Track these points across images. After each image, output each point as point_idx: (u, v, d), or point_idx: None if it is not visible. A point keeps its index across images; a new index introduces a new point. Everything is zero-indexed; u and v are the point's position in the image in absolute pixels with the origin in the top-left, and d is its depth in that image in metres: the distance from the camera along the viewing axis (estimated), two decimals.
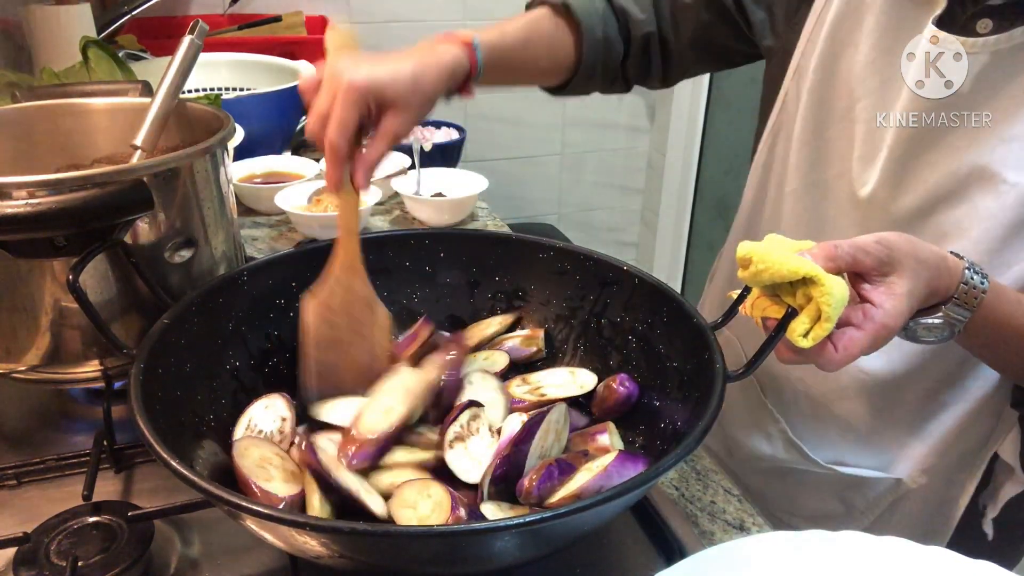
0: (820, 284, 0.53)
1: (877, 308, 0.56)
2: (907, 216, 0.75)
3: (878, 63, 0.75)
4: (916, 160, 0.73)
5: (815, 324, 0.54)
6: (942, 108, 0.71)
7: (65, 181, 0.59)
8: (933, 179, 0.73)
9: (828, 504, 0.90)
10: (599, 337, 0.74)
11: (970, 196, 0.71)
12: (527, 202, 2.74)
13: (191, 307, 0.63)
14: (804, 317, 0.55)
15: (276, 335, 0.71)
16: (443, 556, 0.49)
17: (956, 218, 0.72)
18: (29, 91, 0.84)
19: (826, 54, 0.80)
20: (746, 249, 0.56)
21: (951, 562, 0.49)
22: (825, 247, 0.56)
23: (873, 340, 0.56)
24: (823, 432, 0.88)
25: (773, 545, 0.50)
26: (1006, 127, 0.68)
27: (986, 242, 0.70)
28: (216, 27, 2.05)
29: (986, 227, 0.70)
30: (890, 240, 0.57)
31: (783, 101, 0.86)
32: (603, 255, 0.75)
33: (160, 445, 0.48)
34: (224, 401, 0.64)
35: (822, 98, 0.81)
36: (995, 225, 0.70)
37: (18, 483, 0.67)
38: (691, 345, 0.63)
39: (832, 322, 0.54)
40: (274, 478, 0.56)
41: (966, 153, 0.70)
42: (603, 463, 0.56)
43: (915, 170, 0.73)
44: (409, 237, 0.79)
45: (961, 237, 0.72)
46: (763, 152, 0.91)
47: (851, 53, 0.78)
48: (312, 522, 0.45)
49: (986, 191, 0.70)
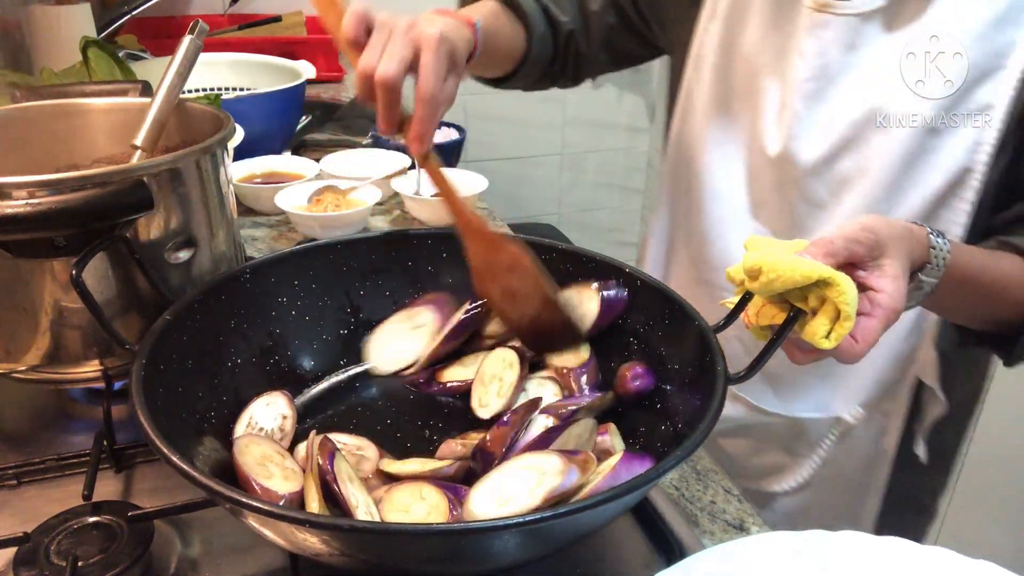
0: (836, 285, 0.53)
1: (880, 293, 0.58)
2: (814, 167, 0.83)
3: (770, 38, 0.85)
4: (815, 115, 0.82)
5: (834, 324, 0.54)
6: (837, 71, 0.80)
7: (65, 181, 0.59)
8: (834, 130, 0.81)
9: (775, 456, 0.95)
10: (600, 338, 0.74)
11: (868, 139, 0.79)
12: (527, 202, 2.74)
13: (193, 304, 0.63)
14: (823, 319, 0.54)
15: (277, 332, 0.71)
16: (444, 555, 0.49)
17: (858, 162, 0.80)
18: (29, 91, 0.84)
19: (723, 37, 0.89)
20: (753, 260, 0.55)
21: (951, 562, 0.49)
22: (822, 244, 0.57)
23: (886, 325, 0.58)
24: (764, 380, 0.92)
25: (773, 545, 0.50)
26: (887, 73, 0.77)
27: (886, 178, 0.79)
28: (216, 27, 2.05)
29: (885, 165, 0.78)
30: (872, 225, 0.60)
31: (687, 88, 0.95)
32: (605, 256, 0.74)
33: (162, 442, 0.48)
34: (225, 398, 0.64)
35: (723, 77, 0.90)
36: (893, 162, 0.78)
37: (18, 483, 0.67)
38: (692, 347, 0.63)
39: (852, 320, 0.54)
40: (274, 475, 0.56)
41: (859, 101, 0.79)
42: (610, 463, 0.56)
43: (817, 124, 0.82)
44: (411, 237, 0.79)
45: (864, 178, 0.80)
46: (675, 137, 0.98)
47: (745, 32, 0.87)
48: (313, 519, 0.45)
49: (881, 132, 0.78)
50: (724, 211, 0.92)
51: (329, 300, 0.75)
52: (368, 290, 0.77)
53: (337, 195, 1.15)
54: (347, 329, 0.76)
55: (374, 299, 0.77)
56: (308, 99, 1.56)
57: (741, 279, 0.58)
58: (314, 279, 0.74)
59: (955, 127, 0.76)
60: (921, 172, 0.78)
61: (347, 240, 0.77)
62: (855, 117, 0.79)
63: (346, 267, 0.76)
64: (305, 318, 0.74)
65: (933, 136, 0.76)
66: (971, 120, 0.75)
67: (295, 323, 0.73)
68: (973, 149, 0.76)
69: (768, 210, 0.89)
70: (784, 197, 0.86)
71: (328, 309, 0.75)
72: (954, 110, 0.75)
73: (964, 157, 0.76)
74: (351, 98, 1.73)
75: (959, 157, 0.76)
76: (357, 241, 0.77)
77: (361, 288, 0.77)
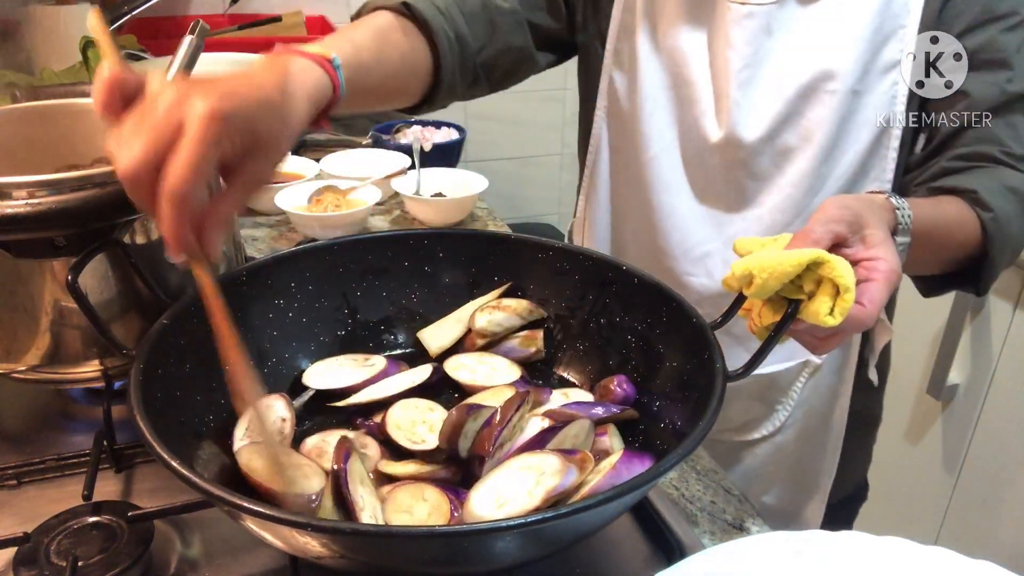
0: (827, 262, 0.54)
1: (876, 259, 0.59)
2: (757, 146, 0.88)
3: (687, 32, 0.89)
4: (752, 99, 0.87)
5: (836, 300, 0.54)
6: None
7: (65, 181, 0.59)
8: (772, 109, 0.86)
9: (752, 408, 0.99)
10: (598, 337, 0.74)
11: (803, 111, 0.86)
12: (527, 202, 2.75)
13: (190, 307, 0.63)
14: (823, 297, 0.55)
15: (275, 334, 0.71)
16: (444, 557, 0.48)
17: (799, 133, 0.87)
18: (29, 91, 0.84)
19: (642, 35, 0.92)
20: (743, 266, 0.56)
21: (951, 562, 0.49)
22: (803, 235, 0.58)
23: (889, 285, 0.58)
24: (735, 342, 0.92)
25: (773, 545, 0.50)
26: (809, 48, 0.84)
27: (825, 142, 0.86)
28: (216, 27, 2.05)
29: (824, 130, 0.85)
30: (842, 202, 0.62)
31: (608, 82, 0.97)
32: (602, 254, 0.75)
33: (161, 447, 0.48)
34: (223, 402, 0.64)
35: (647, 73, 0.93)
36: (830, 126, 0.85)
37: (18, 483, 0.67)
38: (691, 344, 0.63)
39: (852, 291, 0.54)
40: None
41: (789, 77, 0.85)
42: (610, 462, 0.56)
43: (755, 107, 0.87)
44: (408, 237, 0.78)
45: (805, 145, 0.87)
46: (601, 132, 1.00)
47: (664, 28, 0.90)
48: (313, 522, 0.45)
49: (814, 102, 0.85)
50: (673, 199, 0.95)
51: (326, 301, 0.75)
52: (365, 291, 0.77)
53: (337, 195, 1.15)
54: (344, 330, 0.76)
55: (371, 300, 0.77)
56: None
57: (739, 286, 0.58)
58: (311, 281, 0.74)
59: (873, 85, 0.85)
60: (852, 131, 0.86)
61: (343, 241, 0.76)
62: (788, 95, 0.85)
63: (343, 268, 0.76)
64: (302, 320, 0.73)
65: (857, 97, 0.84)
66: (885, 76, 0.84)
67: (292, 325, 0.73)
68: (890, 103, 0.84)
69: (715, 190, 0.93)
70: (730, 176, 0.91)
71: (325, 310, 0.75)
72: (869, 70, 0.84)
73: (884, 110, 0.84)
74: None
75: (881, 111, 0.85)
76: (354, 242, 0.77)
77: (358, 289, 0.77)
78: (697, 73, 0.89)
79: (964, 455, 1.53)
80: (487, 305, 0.76)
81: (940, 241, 0.76)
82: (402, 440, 0.62)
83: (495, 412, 0.60)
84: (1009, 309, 1.38)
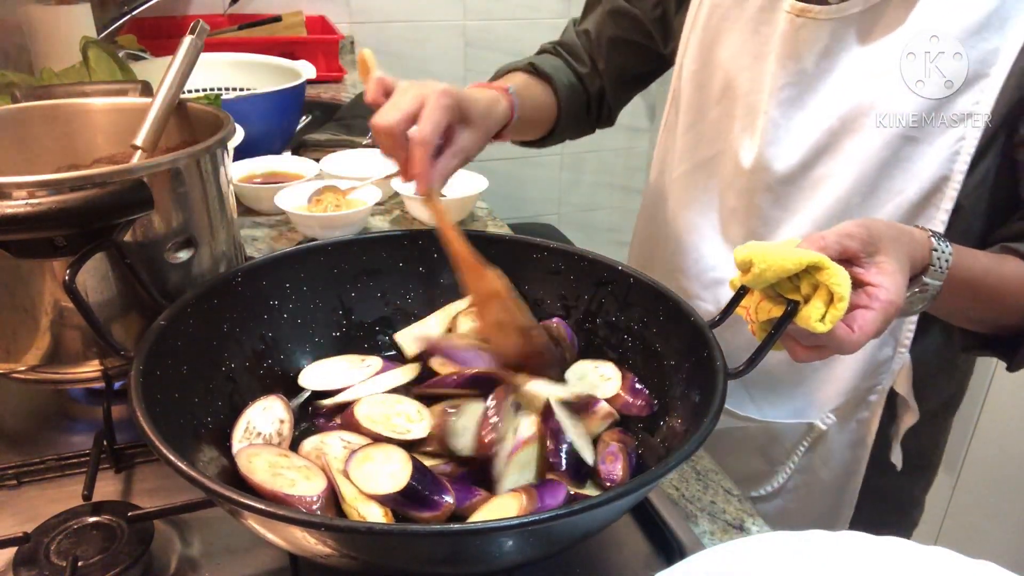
0: (826, 268, 0.54)
1: (879, 287, 0.58)
2: (789, 175, 0.83)
3: (748, 44, 0.85)
4: (791, 121, 0.82)
5: (828, 307, 0.55)
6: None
7: (65, 181, 0.59)
8: (809, 136, 0.81)
9: (751, 462, 0.96)
10: (595, 336, 0.74)
11: (843, 146, 0.79)
12: (527, 202, 2.74)
13: (186, 308, 0.63)
14: (816, 303, 0.55)
15: (270, 336, 0.71)
16: (444, 556, 0.49)
17: (832, 168, 0.81)
18: (29, 91, 0.84)
19: (702, 44, 0.90)
20: (744, 253, 0.56)
21: (951, 562, 0.49)
22: (812, 239, 0.58)
23: (884, 317, 0.58)
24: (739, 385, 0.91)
25: (773, 545, 0.50)
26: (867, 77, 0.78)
27: (862, 185, 0.79)
28: (216, 27, 2.05)
29: (860, 171, 0.78)
30: (865, 222, 0.60)
31: (672, 96, 0.97)
32: (597, 255, 0.75)
33: (165, 447, 0.48)
34: (220, 403, 0.64)
35: (701, 84, 0.91)
36: (868, 168, 0.78)
37: (18, 483, 0.67)
38: (689, 343, 0.63)
39: (846, 301, 0.54)
40: (296, 481, 0.55)
41: (835, 107, 0.79)
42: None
43: (792, 131, 0.82)
44: (403, 237, 0.78)
45: (838, 184, 0.80)
46: (660, 145, 1.01)
47: (723, 40, 0.87)
48: (316, 520, 0.45)
49: (856, 139, 0.78)
50: (696, 218, 0.94)
51: (321, 303, 0.75)
52: (360, 292, 0.77)
53: (337, 195, 1.15)
54: (340, 331, 0.76)
55: (366, 301, 0.77)
56: (308, 99, 1.56)
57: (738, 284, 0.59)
58: (306, 281, 0.74)
59: (933, 135, 0.75)
60: (896, 179, 0.78)
61: (338, 242, 0.76)
62: (831, 124, 0.79)
63: (337, 269, 0.76)
64: (298, 321, 0.73)
65: (909, 144, 0.76)
66: (950, 129, 0.74)
67: (288, 326, 0.73)
68: (951, 158, 0.75)
69: (739, 216, 0.89)
70: (755, 203, 0.86)
71: (320, 311, 0.75)
72: (934, 118, 0.74)
73: (942, 165, 0.75)
74: (351, 98, 1.73)
75: (937, 165, 0.75)
76: (348, 243, 0.77)
77: (353, 290, 0.77)
78: (743, 87, 0.86)
79: (964, 455, 1.53)
80: (472, 311, 0.76)
81: (986, 297, 0.72)
82: (386, 432, 0.62)
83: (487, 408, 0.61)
84: None
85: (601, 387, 0.69)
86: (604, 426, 0.66)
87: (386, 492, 0.53)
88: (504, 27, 2.49)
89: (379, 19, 2.37)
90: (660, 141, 1.02)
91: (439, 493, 0.55)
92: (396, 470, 0.55)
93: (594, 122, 1.11)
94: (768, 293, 0.58)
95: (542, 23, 2.48)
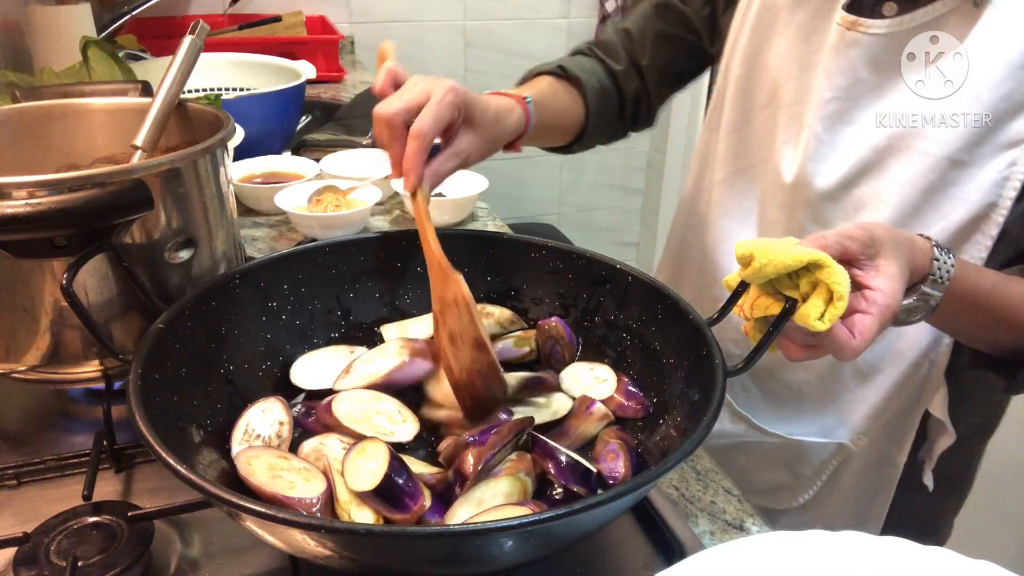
0: (827, 266, 0.54)
1: (876, 291, 0.58)
2: (830, 192, 0.81)
3: (796, 52, 0.83)
4: (836, 137, 0.80)
5: (828, 306, 0.54)
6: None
7: (65, 181, 0.59)
8: (854, 154, 0.79)
9: (777, 475, 0.95)
10: (593, 335, 0.74)
11: (888, 166, 0.77)
12: (527, 202, 2.74)
13: (184, 311, 0.63)
14: (816, 300, 0.54)
15: (269, 337, 0.71)
16: (443, 557, 0.49)
17: (876, 188, 0.78)
18: (29, 91, 0.84)
19: (750, 48, 0.88)
20: (745, 247, 0.56)
21: (951, 562, 0.49)
22: (814, 238, 0.58)
23: (882, 322, 0.57)
24: (767, 402, 0.92)
25: (773, 545, 0.50)
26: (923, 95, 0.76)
27: (905, 208, 0.77)
28: (216, 27, 2.05)
29: (904, 194, 0.76)
30: (869, 225, 0.60)
31: (716, 97, 0.95)
32: (595, 253, 0.75)
33: (165, 451, 0.48)
34: (220, 405, 0.64)
35: (746, 89, 0.89)
36: (912, 192, 0.76)
37: (18, 483, 0.67)
38: (687, 342, 0.63)
39: (845, 300, 0.54)
40: (295, 483, 0.55)
41: (883, 127, 0.77)
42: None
43: (836, 147, 0.80)
44: (400, 238, 0.78)
45: (881, 205, 0.78)
46: (700, 147, 0.99)
47: (771, 45, 0.85)
48: (314, 523, 0.45)
49: (902, 160, 0.76)
50: (733, 225, 0.92)
51: (320, 303, 0.75)
52: (358, 292, 0.77)
53: (337, 195, 1.15)
54: (338, 332, 0.76)
55: (364, 301, 0.77)
56: (308, 99, 1.56)
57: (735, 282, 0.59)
58: (303, 283, 0.74)
59: (983, 160, 0.73)
60: (942, 204, 0.76)
61: (335, 243, 0.76)
62: (878, 143, 0.77)
63: (335, 270, 0.76)
64: (296, 322, 0.73)
65: (957, 168, 0.74)
66: (1002, 154, 0.73)
67: (286, 327, 0.73)
68: (1000, 184, 0.73)
69: (778, 230, 0.86)
70: (794, 219, 0.84)
71: (318, 312, 0.75)
72: (983, 141, 0.73)
73: (990, 192, 0.73)
74: (351, 98, 1.73)
75: (985, 191, 0.74)
76: (346, 243, 0.77)
77: (351, 291, 0.77)
78: (789, 97, 0.83)
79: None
80: None
81: (989, 314, 0.70)
82: (369, 432, 0.62)
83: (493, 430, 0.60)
84: None
85: (596, 388, 0.69)
86: (600, 426, 0.66)
87: (362, 489, 0.53)
88: (504, 27, 2.49)
89: (379, 19, 2.37)
90: (701, 142, 0.99)
91: (411, 496, 0.54)
92: (375, 468, 0.55)
93: (628, 125, 1.06)
94: (766, 289, 0.58)
95: (542, 23, 2.49)
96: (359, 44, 2.37)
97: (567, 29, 2.51)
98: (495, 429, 0.60)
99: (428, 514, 0.55)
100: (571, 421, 0.67)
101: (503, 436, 0.59)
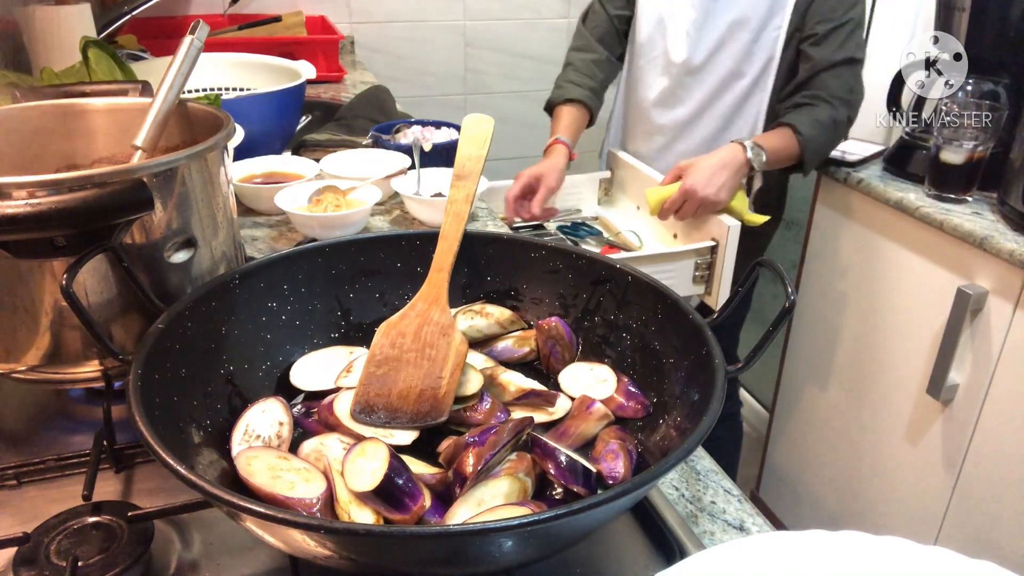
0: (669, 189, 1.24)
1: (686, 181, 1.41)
2: (701, 64, 1.52)
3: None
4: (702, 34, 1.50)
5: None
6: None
7: (65, 181, 0.59)
8: (710, 41, 1.49)
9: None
10: (593, 335, 0.74)
11: (727, 46, 1.49)
12: None
13: (184, 312, 0.63)
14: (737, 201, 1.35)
15: (268, 337, 0.71)
16: (442, 557, 0.49)
17: (722, 57, 1.49)
18: (29, 91, 0.84)
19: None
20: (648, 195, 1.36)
21: (951, 562, 0.49)
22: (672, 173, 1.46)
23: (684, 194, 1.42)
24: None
25: (773, 545, 0.50)
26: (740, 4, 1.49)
27: (733, 66, 1.49)
28: (216, 27, 2.05)
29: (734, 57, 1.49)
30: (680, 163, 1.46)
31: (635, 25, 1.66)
32: (595, 253, 0.75)
33: (164, 451, 0.48)
34: (219, 406, 0.64)
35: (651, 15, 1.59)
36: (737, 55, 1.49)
37: (18, 483, 0.67)
38: (687, 342, 0.63)
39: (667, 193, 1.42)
40: (295, 484, 0.55)
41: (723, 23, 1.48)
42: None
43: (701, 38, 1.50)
44: (400, 238, 0.78)
45: (743, 67, 1.50)
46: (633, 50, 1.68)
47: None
48: (313, 523, 0.45)
49: (742, 36, 1.47)
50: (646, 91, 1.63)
51: (319, 303, 0.75)
52: (358, 292, 0.77)
53: (337, 195, 1.15)
54: (338, 332, 0.76)
55: (364, 301, 0.77)
56: (308, 99, 1.56)
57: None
58: (303, 283, 0.74)
59: (768, 25, 1.44)
60: (750, 62, 1.47)
61: (335, 243, 0.76)
62: (720, 32, 1.47)
63: (335, 270, 0.76)
64: (296, 322, 0.73)
65: (757, 33, 1.44)
66: (776, 18, 1.43)
67: (286, 327, 0.73)
68: (775, 43, 1.45)
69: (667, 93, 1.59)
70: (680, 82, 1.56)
71: (318, 312, 0.75)
72: (766, 24, 1.43)
73: (771, 48, 1.46)
74: (351, 98, 1.73)
75: (769, 48, 1.46)
76: (346, 244, 0.77)
77: (351, 291, 0.77)
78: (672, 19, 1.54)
79: (964, 455, 1.53)
80: (470, 309, 0.76)
81: (784, 155, 1.45)
82: (368, 434, 0.62)
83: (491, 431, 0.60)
84: (1009, 309, 1.38)
85: (596, 389, 0.69)
86: (600, 426, 0.66)
87: (362, 489, 0.53)
88: (504, 27, 2.49)
89: (379, 19, 2.37)
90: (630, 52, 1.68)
91: (411, 496, 0.54)
92: (376, 468, 0.55)
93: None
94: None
95: (542, 23, 2.49)
96: (359, 44, 2.37)
97: (567, 29, 2.50)
98: (495, 429, 0.60)
99: (428, 514, 0.55)
100: (571, 421, 0.67)
101: (503, 436, 0.59)
